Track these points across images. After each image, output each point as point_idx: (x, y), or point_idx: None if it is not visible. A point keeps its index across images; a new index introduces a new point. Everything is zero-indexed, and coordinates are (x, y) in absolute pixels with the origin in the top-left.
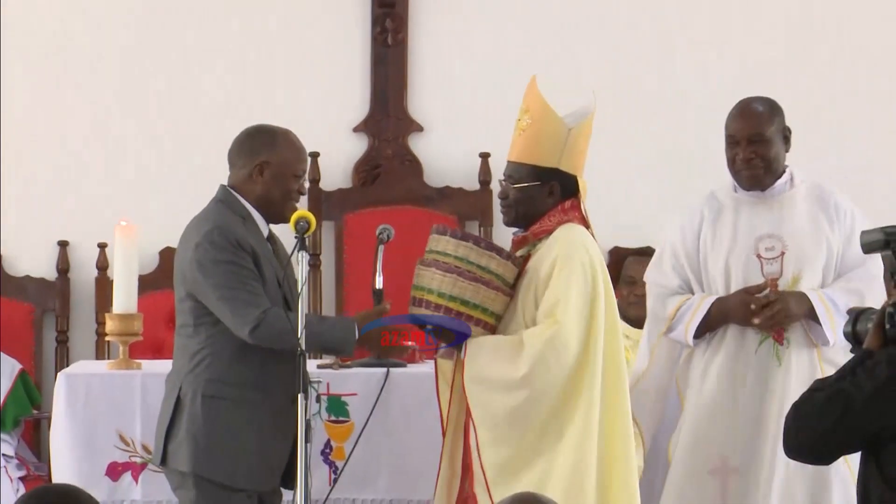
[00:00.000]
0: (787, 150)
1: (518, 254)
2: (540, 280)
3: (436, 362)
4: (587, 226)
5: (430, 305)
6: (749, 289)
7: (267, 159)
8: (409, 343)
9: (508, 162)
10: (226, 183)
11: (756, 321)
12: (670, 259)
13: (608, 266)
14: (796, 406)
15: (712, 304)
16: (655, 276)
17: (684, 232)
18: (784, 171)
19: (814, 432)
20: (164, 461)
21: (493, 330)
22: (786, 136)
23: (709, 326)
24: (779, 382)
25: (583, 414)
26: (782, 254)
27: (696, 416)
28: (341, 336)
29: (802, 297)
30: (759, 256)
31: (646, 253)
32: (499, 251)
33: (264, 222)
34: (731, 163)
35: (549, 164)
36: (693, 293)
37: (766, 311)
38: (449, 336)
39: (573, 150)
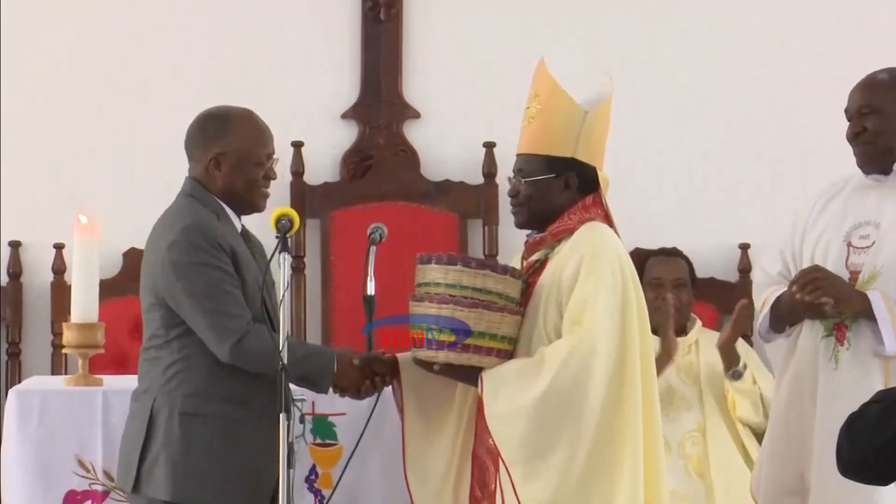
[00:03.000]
0: None
1: (534, 258)
2: (563, 285)
3: (398, 376)
4: (611, 224)
5: (433, 343)
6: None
7: (222, 150)
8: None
9: (518, 155)
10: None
11: (795, 292)
12: (782, 242)
13: None
14: (851, 419)
15: (779, 296)
16: (764, 259)
17: (800, 214)
18: None
19: (869, 447)
20: (135, 488)
21: (509, 355)
22: None
23: (784, 321)
24: (831, 388)
25: (631, 439)
26: (873, 244)
27: (773, 432)
28: (318, 369)
29: (862, 297)
30: (849, 245)
31: (671, 254)
32: (493, 267)
33: (236, 216)
34: (847, 140)
35: (563, 153)
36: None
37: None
38: (449, 336)
39: (590, 136)
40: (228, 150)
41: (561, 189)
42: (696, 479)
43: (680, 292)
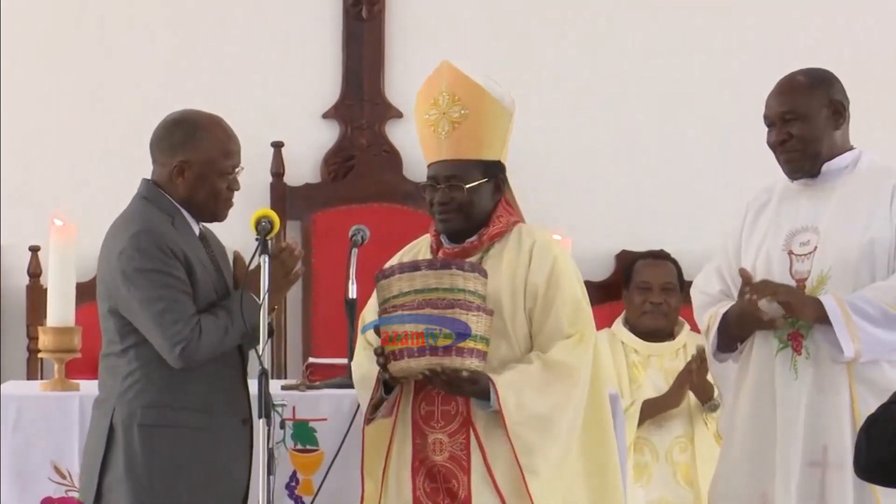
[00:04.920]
0: (837, 127)
1: (468, 261)
2: (535, 290)
3: (364, 433)
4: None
5: (433, 349)
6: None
7: (186, 158)
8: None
9: (445, 162)
10: (150, 176)
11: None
12: (717, 260)
13: (616, 271)
14: (870, 420)
15: (725, 312)
16: (698, 280)
17: (733, 228)
18: (844, 152)
19: (888, 449)
20: (97, 501)
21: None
22: (837, 109)
23: (736, 338)
24: (792, 400)
25: (609, 432)
26: (815, 249)
27: (730, 449)
28: (240, 309)
29: (816, 303)
30: (790, 253)
31: (659, 257)
32: (480, 271)
33: (194, 220)
34: (771, 147)
35: (493, 156)
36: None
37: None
38: (448, 336)
39: (510, 137)
40: (194, 159)
41: (492, 192)
42: (685, 487)
43: (668, 296)
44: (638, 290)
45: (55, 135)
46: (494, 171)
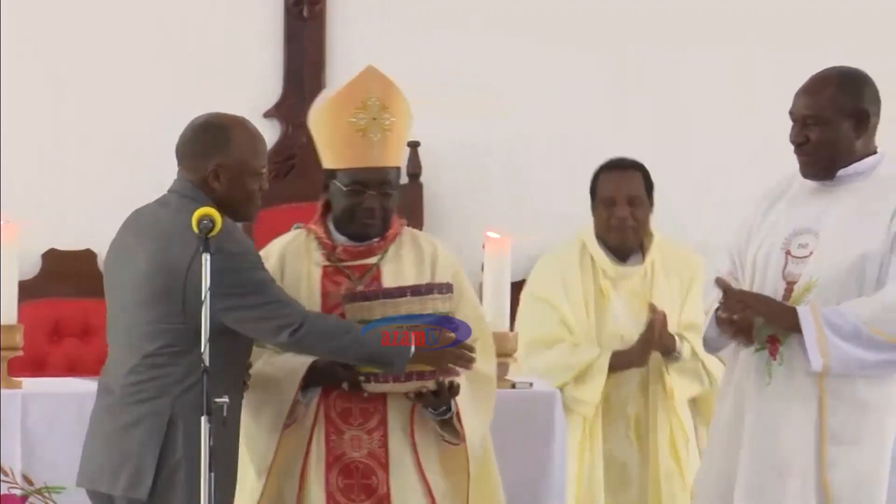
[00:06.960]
0: (860, 136)
1: (368, 261)
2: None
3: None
4: None
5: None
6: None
7: (221, 162)
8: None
9: (377, 168)
10: (164, 176)
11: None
12: (731, 242)
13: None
14: None
15: (716, 309)
16: (718, 260)
17: (748, 214)
18: (865, 157)
19: None
20: (151, 496)
21: None
22: (861, 119)
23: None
24: (762, 403)
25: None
26: (811, 254)
27: (711, 446)
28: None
29: (792, 312)
30: (787, 253)
31: (624, 167)
32: (450, 288)
33: None
34: (791, 142)
35: (401, 161)
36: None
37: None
38: (448, 336)
39: None
40: (228, 161)
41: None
42: (633, 441)
43: (635, 209)
44: (602, 204)
45: None
46: (399, 177)
